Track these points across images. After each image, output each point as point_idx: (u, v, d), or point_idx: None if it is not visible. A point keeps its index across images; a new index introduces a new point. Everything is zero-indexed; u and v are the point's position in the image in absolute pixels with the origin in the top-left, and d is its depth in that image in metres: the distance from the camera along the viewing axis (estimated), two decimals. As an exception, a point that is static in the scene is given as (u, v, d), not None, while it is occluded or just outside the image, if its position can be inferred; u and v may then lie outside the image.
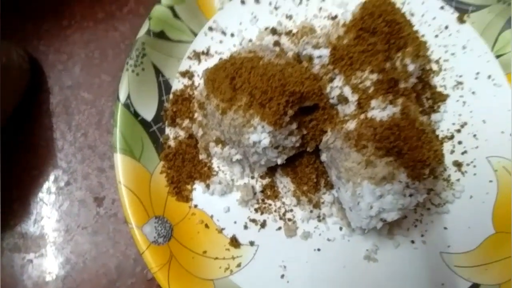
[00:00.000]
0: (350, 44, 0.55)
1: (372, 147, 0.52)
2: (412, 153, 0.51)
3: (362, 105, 0.56)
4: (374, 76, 0.54)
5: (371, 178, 0.52)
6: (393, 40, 0.54)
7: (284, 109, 0.52)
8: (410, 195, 0.53)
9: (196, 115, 0.65)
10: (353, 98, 0.56)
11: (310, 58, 0.59)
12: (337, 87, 0.57)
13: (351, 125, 0.54)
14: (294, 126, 0.56)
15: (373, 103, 0.55)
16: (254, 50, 0.58)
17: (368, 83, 0.54)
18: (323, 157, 0.60)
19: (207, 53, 0.69)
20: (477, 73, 0.69)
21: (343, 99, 0.56)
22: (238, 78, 0.54)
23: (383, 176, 0.51)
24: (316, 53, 0.58)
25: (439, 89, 0.69)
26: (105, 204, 0.65)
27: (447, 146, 0.67)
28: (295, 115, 0.55)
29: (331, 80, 0.57)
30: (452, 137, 0.67)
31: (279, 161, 0.58)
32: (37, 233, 0.64)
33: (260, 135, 0.53)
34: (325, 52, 0.57)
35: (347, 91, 0.56)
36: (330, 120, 0.58)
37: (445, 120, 0.68)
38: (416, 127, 0.52)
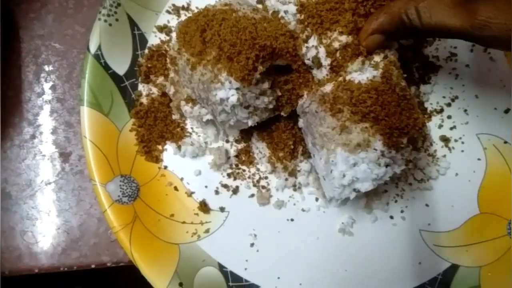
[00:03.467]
0: (318, 1, 0.51)
1: (348, 111, 0.49)
2: (390, 119, 0.48)
3: (335, 70, 0.52)
4: (344, 38, 0.50)
5: (345, 144, 0.49)
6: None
7: (254, 64, 0.48)
8: (386, 165, 0.49)
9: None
10: (326, 62, 0.52)
11: (274, 13, 0.55)
12: (312, 46, 0.53)
13: (328, 87, 0.51)
14: (266, 85, 0.52)
15: (351, 66, 0.51)
16: (230, 3, 0.54)
17: (336, 44, 0.50)
18: (300, 123, 0.57)
19: (187, 8, 0.65)
20: (473, 45, 0.65)
21: (317, 62, 0.52)
22: (209, 31, 0.51)
23: (357, 143, 0.48)
24: (283, 8, 0.54)
25: (431, 59, 0.65)
26: (71, 160, 0.62)
27: (435, 120, 0.64)
28: (267, 73, 0.51)
29: (307, 39, 0.53)
30: (441, 111, 0.64)
31: (250, 123, 0.54)
32: (-3, 186, 0.61)
33: (227, 91, 0.49)
34: (292, 8, 0.53)
35: (322, 52, 0.52)
36: (306, 83, 0.55)
37: (435, 93, 0.64)
38: (397, 93, 0.49)
